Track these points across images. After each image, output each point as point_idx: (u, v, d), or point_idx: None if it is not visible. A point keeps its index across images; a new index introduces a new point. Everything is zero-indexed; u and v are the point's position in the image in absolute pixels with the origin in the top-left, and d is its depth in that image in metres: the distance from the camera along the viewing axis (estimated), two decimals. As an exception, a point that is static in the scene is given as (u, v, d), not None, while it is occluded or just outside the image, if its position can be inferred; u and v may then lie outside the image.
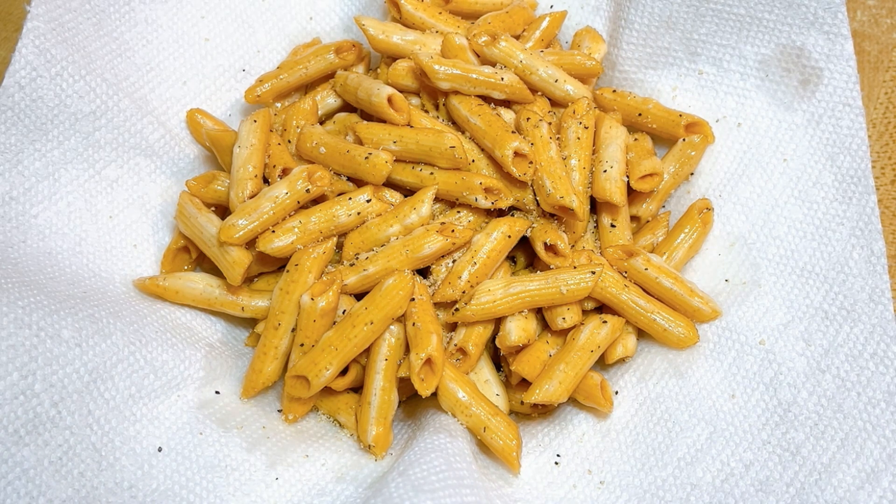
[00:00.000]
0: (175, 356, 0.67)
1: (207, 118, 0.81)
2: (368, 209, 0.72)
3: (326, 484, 0.64)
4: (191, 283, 0.73)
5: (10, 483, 0.54)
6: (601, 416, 0.69)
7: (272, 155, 0.74)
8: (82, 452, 0.58)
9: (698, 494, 0.60)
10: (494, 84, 0.76)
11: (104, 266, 0.72)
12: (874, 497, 0.55)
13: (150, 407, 0.63)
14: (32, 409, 0.56)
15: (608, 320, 0.70)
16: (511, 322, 0.69)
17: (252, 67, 0.86)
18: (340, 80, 0.82)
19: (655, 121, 0.78)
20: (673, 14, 0.79)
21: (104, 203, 0.74)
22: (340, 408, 0.71)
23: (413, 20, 0.83)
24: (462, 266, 0.70)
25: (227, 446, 0.64)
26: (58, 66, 0.70)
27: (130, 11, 0.78)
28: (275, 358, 0.69)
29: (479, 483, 0.60)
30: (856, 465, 0.57)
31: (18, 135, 0.69)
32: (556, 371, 0.67)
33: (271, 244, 0.69)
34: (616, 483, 0.64)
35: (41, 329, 0.59)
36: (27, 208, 0.69)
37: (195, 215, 0.72)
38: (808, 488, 0.58)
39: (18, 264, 0.65)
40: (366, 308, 0.66)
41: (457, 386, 0.67)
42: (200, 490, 0.61)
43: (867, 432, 0.58)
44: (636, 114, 0.79)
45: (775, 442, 0.61)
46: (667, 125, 0.78)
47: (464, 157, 0.71)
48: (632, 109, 0.79)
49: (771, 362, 0.65)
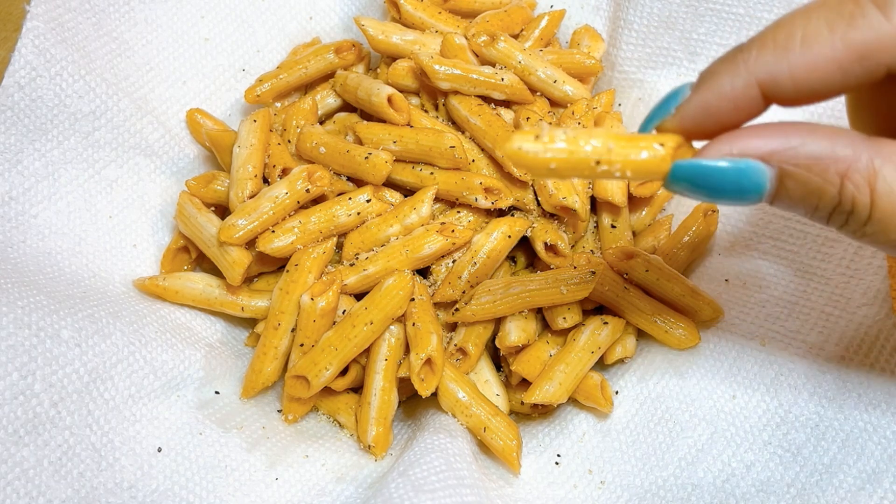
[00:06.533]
0: (175, 356, 0.67)
1: (207, 118, 0.81)
2: (368, 209, 0.71)
3: (326, 484, 0.64)
4: (190, 283, 0.73)
5: (9, 483, 0.54)
6: (601, 416, 0.69)
7: (272, 155, 0.74)
8: (82, 452, 0.58)
9: (699, 495, 0.60)
10: (494, 84, 0.76)
11: (104, 266, 0.72)
12: (875, 498, 0.55)
13: (149, 407, 0.63)
14: (32, 410, 0.56)
15: (609, 321, 0.70)
16: (511, 322, 0.69)
17: (252, 67, 0.86)
18: (340, 79, 0.82)
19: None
20: (672, 14, 0.79)
21: (104, 203, 0.74)
22: (340, 408, 0.71)
23: (412, 20, 0.83)
24: (462, 266, 0.70)
25: (227, 446, 0.64)
26: (57, 66, 0.70)
27: (130, 11, 0.78)
28: (274, 358, 0.69)
29: (479, 483, 0.60)
30: (857, 466, 0.57)
31: (18, 135, 0.69)
32: (556, 371, 0.67)
33: (271, 244, 0.69)
34: (617, 483, 0.64)
35: (41, 329, 0.59)
36: (27, 208, 0.69)
37: (195, 215, 0.72)
38: (809, 489, 0.58)
39: (18, 264, 0.65)
40: (366, 308, 0.66)
41: (457, 386, 0.67)
42: (200, 490, 0.61)
43: (868, 433, 0.58)
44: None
45: (776, 443, 0.61)
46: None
47: (464, 157, 0.71)
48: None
49: (772, 363, 0.65)
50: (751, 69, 0.40)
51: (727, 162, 0.39)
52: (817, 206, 0.39)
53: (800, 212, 0.41)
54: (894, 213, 0.38)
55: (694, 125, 0.41)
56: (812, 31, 0.38)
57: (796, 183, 0.39)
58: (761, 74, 0.39)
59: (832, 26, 0.38)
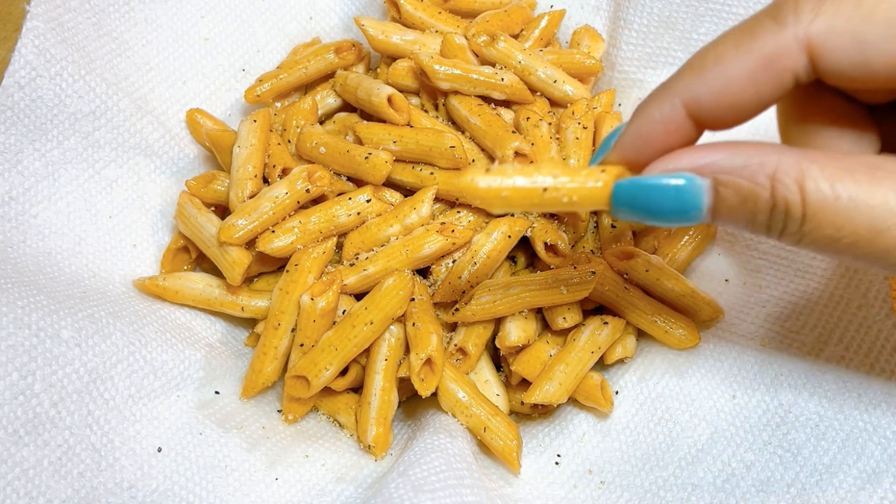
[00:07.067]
0: (175, 356, 0.67)
1: (207, 118, 0.81)
2: (368, 209, 0.71)
3: (326, 484, 0.64)
4: (190, 283, 0.73)
5: (9, 483, 0.54)
6: (601, 416, 0.69)
7: (272, 155, 0.74)
8: (82, 452, 0.58)
9: (699, 495, 0.60)
10: (494, 84, 0.76)
11: (104, 266, 0.71)
12: (875, 498, 0.55)
13: (149, 407, 0.63)
14: (32, 410, 0.56)
15: (609, 321, 0.70)
16: (511, 322, 0.69)
17: (252, 67, 0.86)
18: (340, 79, 0.82)
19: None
20: (672, 14, 0.79)
21: (104, 203, 0.74)
22: (340, 408, 0.71)
23: (412, 20, 0.83)
24: (462, 266, 0.70)
25: (227, 446, 0.64)
26: (57, 66, 0.70)
27: (130, 11, 0.78)
28: (274, 358, 0.69)
29: (479, 483, 0.60)
30: (857, 466, 0.57)
31: (18, 135, 0.69)
32: (556, 371, 0.67)
33: (271, 244, 0.69)
34: (617, 483, 0.64)
35: (41, 329, 0.59)
36: (27, 208, 0.69)
37: (195, 215, 0.72)
38: (809, 489, 0.58)
39: (18, 264, 0.65)
40: (366, 308, 0.66)
41: (457, 386, 0.67)
42: (200, 490, 0.60)
43: (868, 433, 0.58)
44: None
45: (776, 443, 0.61)
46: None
47: (464, 157, 0.71)
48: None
49: (771, 363, 0.65)
50: (674, 93, 0.43)
51: (663, 178, 0.42)
52: (754, 212, 0.41)
53: (741, 224, 0.42)
54: (825, 209, 0.39)
55: (633, 153, 0.45)
56: (721, 51, 0.42)
57: (730, 191, 0.41)
58: (684, 97, 0.42)
59: (738, 44, 0.41)
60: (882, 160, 0.40)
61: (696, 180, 0.41)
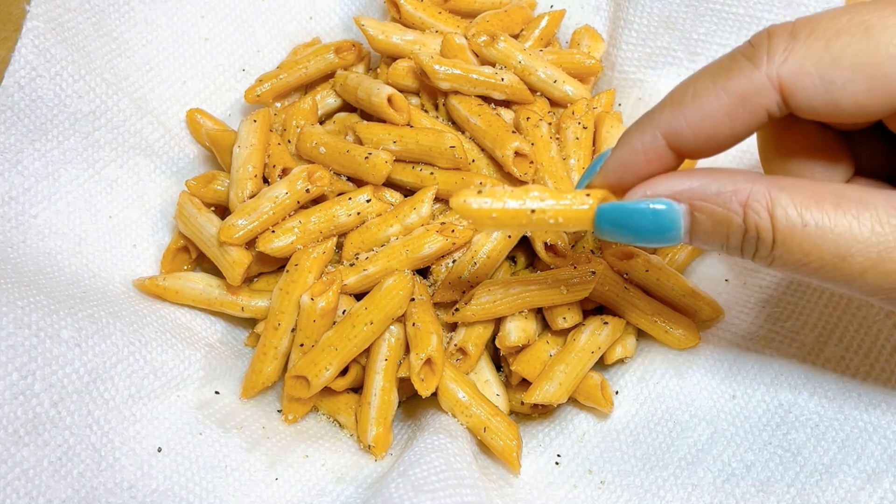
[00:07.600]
0: (175, 356, 0.67)
1: (207, 118, 0.81)
2: (368, 209, 0.71)
3: (326, 484, 0.64)
4: (190, 283, 0.73)
5: (9, 483, 0.54)
6: (601, 416, 0.69)
7: (272, 155, 0.74)
8: (82, 452, 0.58)
9: (699, 494, 0.60)
10: (495, 84, 0.76)
11: (104, 266, 0.71)
12: (875, 498, 0.55)
13: (149, 407, 0.63)
14: (32, 410, 0.56)
15: (609, 321, 0.70)
16: (511, 322, 0.69)
17: (252, 67, 0.86)
18: (340, 79, 0.82)
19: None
20: (672, 14, 0.79)
21: (104, 203, 0.74)
22: (340, 408, 0.71)
23: (412, 20, 0.83)
24: (462, 266, 0.70)
25: (227, 446, 0.64)
26: (57, 66, 0.70)
27: (130, 11, 0.78)
28: (274, 358, 0.69)
29: (479, 483, 0.60)
30: (857, 466, 0.57)
31: (18, 135, 0.69)
32: (556, 372, 0.67)
33: (271, 244, 0.69)
34: (617, 483, 0.64)
35: (41, 329, 0.59)
36: (27, 208, 0.69)
37: (195, 215, 0.72)
38: (809, 489, 0.58)
39: (18, 264, 0.65)
40: (366, 308, 0.66)
41: (457, 386, 0.67)
42: (200, 490, 0.60)
43: (868, 433, 0.58)
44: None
45: (776, 443, 0.61)
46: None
47: (464, 157, 0.71)
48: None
49: (771, 363, 0.65)
50: (655, 125, 0.46)
51: (643, 202, 0.45)
52: (728, 236, 0.44)
53: (716, 246, 0.45)
54: (794, 235, 0.42)
55: (616, 178, 0.48)
56: (700, 87, 0.45)
57: (705, 216, 0.44)
58: (664, 128, 0.45)
59: (715, 81, 0.44)
60: (848, 189, 0.42)
61: (674, 205, 0.44)
